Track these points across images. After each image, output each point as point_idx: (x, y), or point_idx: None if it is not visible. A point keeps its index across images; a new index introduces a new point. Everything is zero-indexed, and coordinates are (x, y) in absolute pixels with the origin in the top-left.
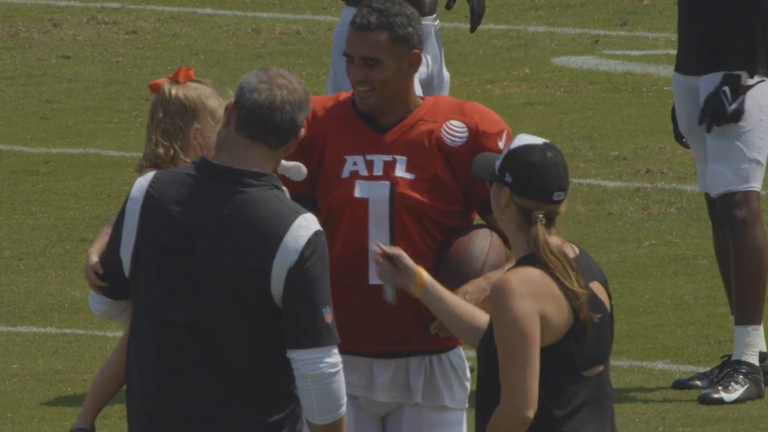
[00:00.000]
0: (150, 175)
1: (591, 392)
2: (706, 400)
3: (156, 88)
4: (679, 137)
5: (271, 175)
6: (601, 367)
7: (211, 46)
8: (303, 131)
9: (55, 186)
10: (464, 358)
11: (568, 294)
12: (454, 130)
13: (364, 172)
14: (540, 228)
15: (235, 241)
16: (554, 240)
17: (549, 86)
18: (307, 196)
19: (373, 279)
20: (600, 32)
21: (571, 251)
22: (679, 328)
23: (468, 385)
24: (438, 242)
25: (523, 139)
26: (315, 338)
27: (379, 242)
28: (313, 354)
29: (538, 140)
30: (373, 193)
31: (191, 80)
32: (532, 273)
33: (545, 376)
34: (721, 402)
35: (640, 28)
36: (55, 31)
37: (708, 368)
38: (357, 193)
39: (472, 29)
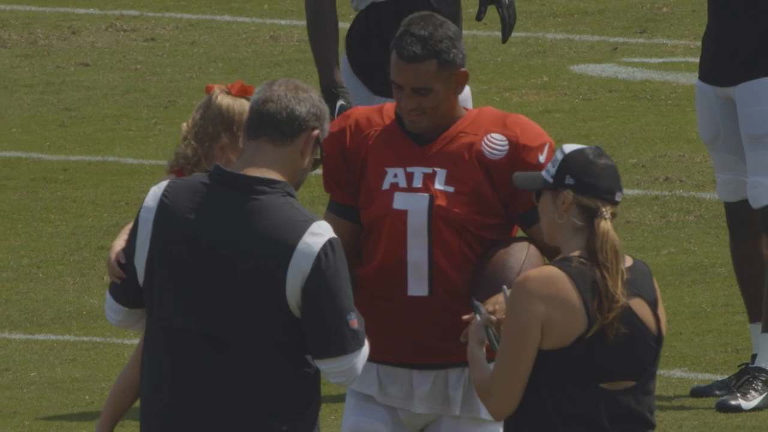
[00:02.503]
0: (163, 183)
1: (610, 406)
2: (723, 407)
3: (209, 91)
4: None
5: (284, 182)
6: (629, 383)
7: (229, 54)
8: (317, 132)
9: (73, 194)
10: None
11: (588, 300)
12: (495, 143)
13: (404, 184)
14: (609, 223)
15: (249, 249)
16: (619, 241)
17: (567, 94)
18: (351, 206)
19: (412, 290)
20: (619, 40)
21: (624, 261)
22: (697, 336)
23: None
24: (478, 255)
25: (572, 146)
26: (342, 346)
27: (417, 254)
28: (342, 362)
29: (588, 146)
30: (411, 205)
31: (245, 97)
32: (553, 273)
33: (553, 382)
34: (738, 409)
35: (659, 35)
36: (74, 39)
37: (726, 376)
38: (396, 205)
39: (504, 39)
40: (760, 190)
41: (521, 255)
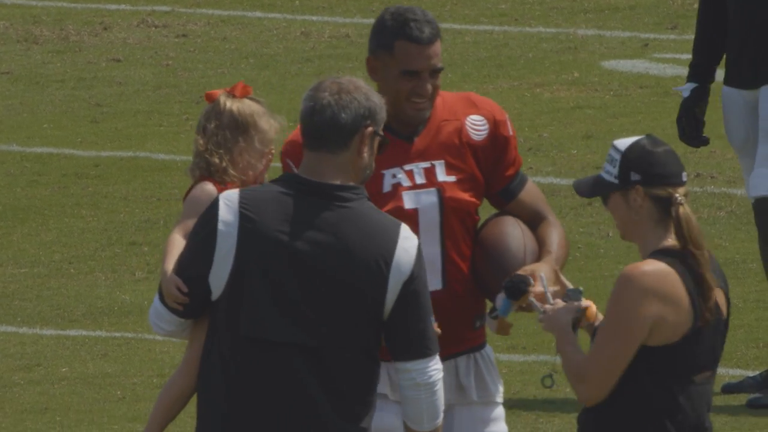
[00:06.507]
0: (233, 195)
1: (698, 397)
2: (755, 405)
3: (211, 98)
4: (691, 138)
5: (361, 187)
6: (709, 373)
7: (260, 50)
8: (370, 129)
9: (105, 189)
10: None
11: (693, 294)
12: (478, 125)
13: (407, 183)
14: (687, 208)
15: (350, 258)
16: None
17: (598, 90)
18: None
19: None
20: (650, 36)
21: None
22: (729, 332)
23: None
24: (473, 241)
25: (625, 141)
26: (429, 347)
27: (430, 249)
28: (426, 363)
29: (637, 137)
30: (421, 202)
31: (248, 97)
32: (666, 270)
33: (655, 376)
34: None
35: (690, 31)
36: (106, 35)
37: (757, 372)
38: (406, 205)
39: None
40: (761, 179)
41: (518, 231)
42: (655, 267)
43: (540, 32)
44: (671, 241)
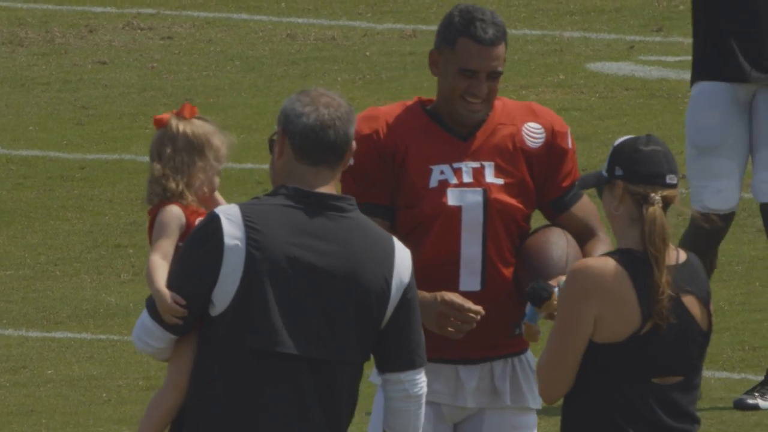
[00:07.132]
0: (233, 210)
1: (661, 400)
2: (741, 406)
3: (161, 123)
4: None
5: (352, 197)
6: (678, 378)
7: (246, 52)
8: (354, 144)
9: (90, 192)
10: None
11: (642, 295)
12: (534, 132)
13: (454, 180)
14: (658, 209)
15: (356, 268)
16: (669, 229)
17: (584, 92)
18: (387, 207)
19: (464, 285)
20: (635, 38)
21: (676, 257)
22: (714, 334)
23: None
24: (516, 247)
25: (624, 137)
26: (421, 356)
27: (471, 249)
28: (416, 374)
29: (638, 135)
30: (466, 200)
31: (196, 117)
32: (612, 268)
33: (605, 375)
34: (756, 408)
35: (676, 33)
36: (91, 37)
37: (742, 374)
38: (450, 201)
39: None
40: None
41: (563, 242)
42: (601, 263)
43: (525, 34)
44: (638, 244)
